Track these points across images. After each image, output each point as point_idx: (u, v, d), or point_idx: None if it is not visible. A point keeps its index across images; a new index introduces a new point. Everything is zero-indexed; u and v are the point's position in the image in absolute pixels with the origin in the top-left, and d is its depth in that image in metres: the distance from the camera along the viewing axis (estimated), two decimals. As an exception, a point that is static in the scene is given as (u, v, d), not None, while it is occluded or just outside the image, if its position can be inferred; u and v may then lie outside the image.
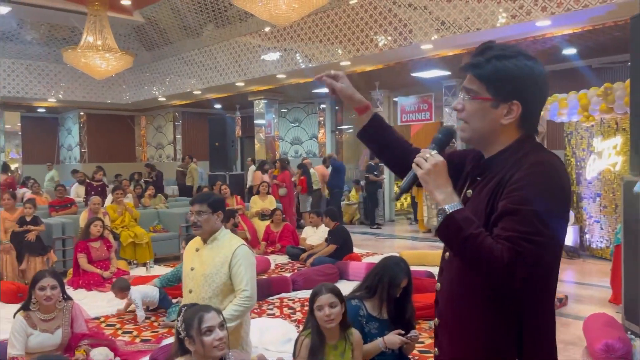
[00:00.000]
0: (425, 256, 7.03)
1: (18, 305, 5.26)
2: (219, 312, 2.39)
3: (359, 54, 8.91)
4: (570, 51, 8.81)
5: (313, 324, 2.62)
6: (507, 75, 1.35)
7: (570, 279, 6.43)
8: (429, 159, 1.36)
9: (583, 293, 5.67)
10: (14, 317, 3.34)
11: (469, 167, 1.52)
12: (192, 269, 3.15)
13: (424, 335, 4.13)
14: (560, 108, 7.43)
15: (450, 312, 1.46)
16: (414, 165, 1.38)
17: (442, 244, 1.45)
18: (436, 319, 1.54)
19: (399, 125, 12.90)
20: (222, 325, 2.35)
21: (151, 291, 4.94)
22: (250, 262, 3.11)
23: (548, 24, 7.08)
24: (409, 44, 8.24)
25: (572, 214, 7.61)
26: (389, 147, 1.71)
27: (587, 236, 7.57)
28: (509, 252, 1.22)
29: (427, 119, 11.81)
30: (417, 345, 3.20)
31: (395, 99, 12.57)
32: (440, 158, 1.36)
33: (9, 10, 10.91)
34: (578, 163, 7.66)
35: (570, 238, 7.58)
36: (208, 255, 3.12)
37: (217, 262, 3.07)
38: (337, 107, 14.60)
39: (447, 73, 10.38)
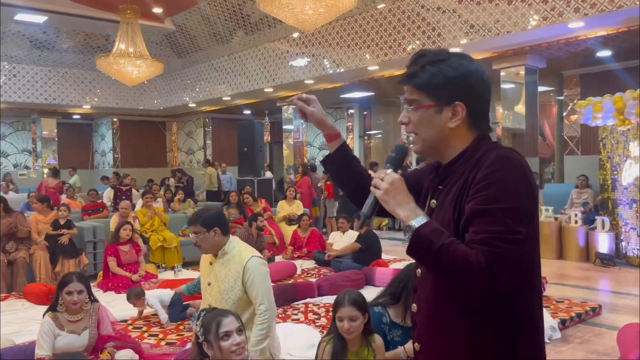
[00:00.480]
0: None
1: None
2: (237, 316, 2.38)
3: (386, 59, 8.87)
4: (604, 53, 8.57)
5: (335, 330, 2.60)
6: (444, 78, 1.33)
7: (604, 287, 6.22)
8: (385, 178, 1.33)
9: (618, 302, 5.48)
10: (43, 318, 3.41)
11: (427, 180, 1.48)
12: (209, 284, 3.12)
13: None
14: (595, 112, 7.23)
15: (431, 336, 1.37)
16: (372, 187, 1.35)
17: None
18: (416, 344, 1.43)
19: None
20: (240, 330, 2.34)
21: (166, 294, 4.98)
22: (262, 273, 3.04)
23: (581, 25, 6.91)
24: (437, 48, 8.14)
25: (606, 220, 7.39)
26: (353, 178, 1.65)
27: (623, 244, 7.33)
28: (486, 255, 1.16)
29: (456, 123, 11.66)
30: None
31: (424, 104, 12.43)
32: (396, 175, 1.34)
33: (45, 20, 11.25)
34: (613, 168, 7.43)
35: (605, 245, 7.34)
36: (221, 271, 3.06)
37: (230, 278, 3.02)
38: (365, 113, 14.55)
39: (477, 77, 10.22)
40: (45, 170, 15.47)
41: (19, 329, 4.71)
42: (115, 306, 5.12)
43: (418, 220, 1.26)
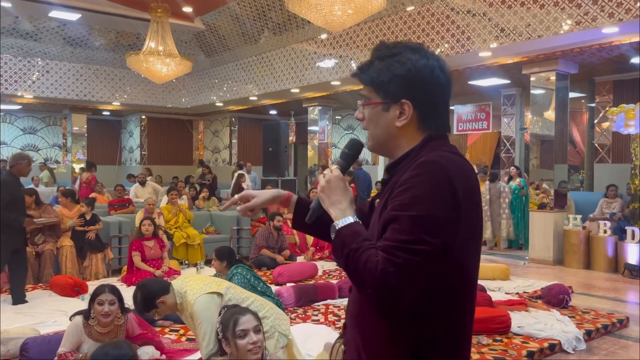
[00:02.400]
0: (477, 269, 6.81)
1: (73, 299, 5.49)
2: (255, 315, 2.38)
3: (414, 61, 8.80)
4: (638, 60, 8.36)
5: None
6: (391, 74, 1.26)
7: (633, 299, 6.06)
8: (325, 176, 1.28)
9: (647, 316, 5.33)
10: (70, 318, 3.43)
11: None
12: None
13: (472, 350, 3.99)
14: (627, 119, 7.06)
15: (352, 336, 1.32)
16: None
17: (495, 257, 1.39)
18: (342, 345, 1.39)
19: (455, 134, 12.65)
20: (257, 330, 2.34)
21: None
22: (204, 312, 2.94)
23: (615, 31, 6.75)
24: (467, 52, 8.06)
25: (637, 231, 7.20)
26: (326, 223, 1.35)
27: (654, 255, 7.13)
28: (383, 264, 1.10)
29: (484, 128, 11.52)
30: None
31: (451, 108, 12.33)
32: (335, 173, 1.28)
33: (78, 17, 11.48)
34: (645, 178, 7.24)
35: (635, 256, 7.16)
36: (190, 324, 3.09)
37: (194, 327, 3.02)
38: (391, 115, 14.47)
39: (507, 81, 10.08)
40: (75, 165, 15.81)
41: (44, 320, 4.80)
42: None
43: (342, 221, 1.22)
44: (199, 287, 3.07)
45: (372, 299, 1.13)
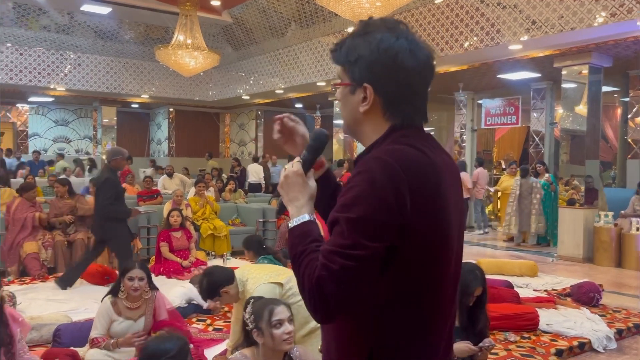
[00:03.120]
0: (504, 265, 6.74)
1: (104, 288, 5.61)
2: (288, 306, 2.41)
3: (442, 54, 8.70)
4: (677, 53, 8.10)
5: None
6: (357, 54, 1.16)
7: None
8: (285, 170, 1.22)
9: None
10: (102, 300, 3.53)
11: None
12: None
13: (499, 347, 3.95)
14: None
15: (323, 337, 1.27)
16: None
17: (522, 253, 1.34)
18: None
19: (482, 129, 12.49)
20: (290, 320, 2.37)
21: None
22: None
23: (652, 23, 6.56)
24: (496, 44, 7.93)
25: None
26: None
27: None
28: (320, 270, 1.03)
29: (513, 122, 11.34)
30: (490, 356, 3.06)
31: (479, 101, 12.16)
32: (295, 168, 1.21)
33: (109, 11, 11.66)
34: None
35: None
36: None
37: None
38: (418, 109, 14.34)
39: (537, 75, 9.89)
40: (104, 157, 16.10)
41: (75, 307, 4.92)
42: (166, 290, 5.26)
43: (295, 220, 1.16)
44: (260, 276, 3.15)
45: (309, 305, 1.06)
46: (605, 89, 8.99)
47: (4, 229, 6.37)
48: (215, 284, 3.06)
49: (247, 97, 15.06)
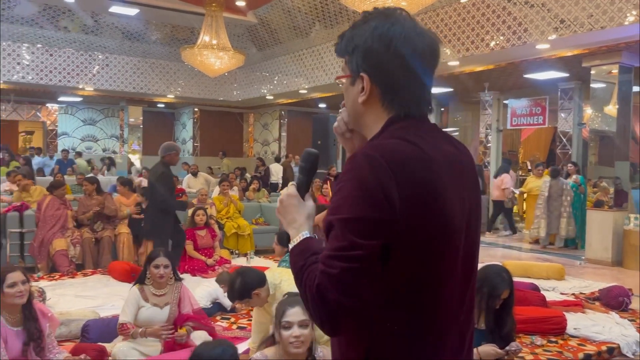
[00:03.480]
0: (530, 267, 6.64)
1: (130, 285, 5.71)
2: (304, 309, 2.39)
3: (468, 54, 8.61)
4: None
5: None
6: (354, 44, 1.14)
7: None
8: (281, 195, 1.21)
9: None
10: (130, 289, 3.65)
11: None
12: None
13: (525, 351, 3.89)
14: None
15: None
16: None
17: (549, 256, 1.28)
18: None
19: (508, 129, 12.32)
20: (304, 324, 2.34)
21: None
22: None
23: (686, 21, 6.39)
24: (523, 44, 7.81)
25: None
26: None
27: None
28: (319, 279, 1.00)
29: (539, 123, 11.16)
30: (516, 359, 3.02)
31: (505, 102, 11.99)
32: (288, 191, 1.19)
33: (137, 12, 11.83)
34: None
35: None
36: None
37: None
38: (442, 109, 14.23)
39: (565, 75, 9.71)
40: (130, 156, 16.36)
41: (102, 303, 5.01)
42: (190, 289, 5.32)
43: (294, 240, 1.13)
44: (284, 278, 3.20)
45: (314, 317, 1.03)
46: (635, 88, 8.79)
47: (35, 226, 6.51)
48: (248, 285, 3.06)
49: (271, 97, 15.13)
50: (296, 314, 2.35)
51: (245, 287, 3.06)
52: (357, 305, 1.01)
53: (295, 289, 3.04)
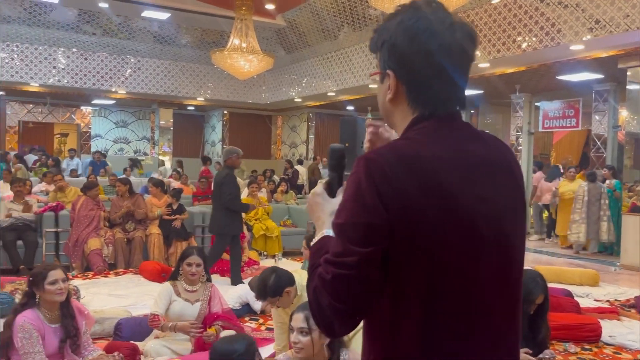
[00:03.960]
0: (563, 273, 6.50)
1: (160, 284, 5.81)
2: (307, 317, 2.38)
3: (499, 55, 8.50)
4: None
5: None
6: (382, 39, 1.10)
7: None
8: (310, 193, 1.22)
9: None
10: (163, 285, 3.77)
11: None
12: None
13: (558, 358, 3.81)
14: None
15: None
16: None
17: (582, 261, 1.23)
18: None
19: (540, 132, 12.10)
20: (302, 332, 2.38)
21: None
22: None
23: None
24: (557, 45, 7.67)
25: None
26: None
27: None
28: (316, 282, 1.02)
29: (572, 126, 10.92)
30: (549, 367, 2.95)
31: (537, 104, 11.78)
32: (314, 190, 1.20)
33: (168, 16, 12.04)
34: None
35: None
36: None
37: None
38: (472, 111, 14.07)
39: (599, 76, 9.49)
40: (160, 157, 16.63)
41: (134, 302, 5.10)
42: (219, 289, 5.38)
43: (315, 238, 1.13)
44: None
45: (314, 320, 1.04)
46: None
47: (70, 226, 6.68)
48: (281, 282, 3.10)
49: (299, 100, 15.19)
50: (297, 320, 2.39)
51: (279, 284, 3.09)
52: (350, 311, 1.00)
53: None
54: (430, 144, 1.03)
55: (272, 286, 3.08)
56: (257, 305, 4.96)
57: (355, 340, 3.41)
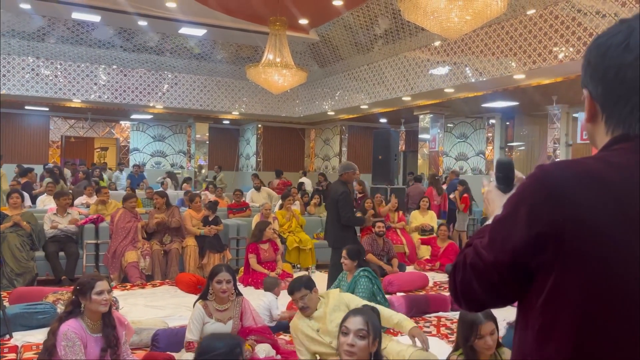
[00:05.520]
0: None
1: (196, 296, 5.88)
2: (367, 320, 2.49)
3: (535, 66, 8.38)
4: None
5: (466, 345, 2.53)
6: (586, 59, 1.03)
7: None
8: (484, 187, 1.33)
9: None
10: (194, 305, 3.72)
11: None
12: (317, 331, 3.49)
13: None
14: None
15: None
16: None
17: None
18: None
19: (578, 143, 11.84)
20: (360, 335, 2.48)
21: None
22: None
23: None
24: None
25: None
26: None
27: None
28: (460, 256, 1.10)
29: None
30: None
31: (575, 115, 11.54)
32: (486, 188, 1.30)
33: (204, 32, 12.32)
34: None
35: None
36: (323, 322, 3.46)
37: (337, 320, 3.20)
38: (507, 123, 13.87)
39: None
40: (195, 169, 16.93)
41: (171, 314, 5.18)
42: (253, 300, 5.42)
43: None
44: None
45: (450, 293, 1.14)
46: None
47: (109, 238, 6.85)
48: (313, 282, 3.54)
49: (332, 113, 15.27)
50: (356, 322, 2.40)
51: (312, 280, 3.52)
52: (475, 298, 1.08)
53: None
54: (620, 168, 0.93)
55: (306, 279, 3.49)
56: (276, 311, 5.00)
57: (389, 347, 3.42)
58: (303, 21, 11.77)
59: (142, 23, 11.70)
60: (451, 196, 10.02)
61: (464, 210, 9.80)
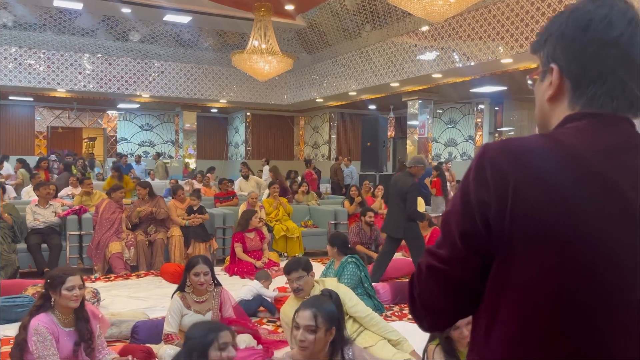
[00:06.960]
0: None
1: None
2: (315, 314, 2.39)
3: (522, 51, 8.31)
4: None
5: (442, 340, 2.52)
6: (548, 32, 0.99)
7: None
8: None
9: None
10: (172, 297, 3.67)
11: None
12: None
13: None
14: None
15: None
16: None
17: None
18: None
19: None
20: (310, 329, 2.42)
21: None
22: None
23: None
24: None
25: None
26: None
27: None
28: (416, 269, 1.07)
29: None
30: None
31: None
32: None
33: (189, 20, 12.15)
34: None
35: None
36: None
37: None
38: (496, 108, 13.83)
39: None
40: (186, 160, 16.81)
41: (153, 305, 5.12)
42: (239, 290, 5.37)
43: None
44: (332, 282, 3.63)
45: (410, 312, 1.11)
46: None
47: (92, 229, 6.76)
48: (311, 264, 3.52)
49: (321, 100, 15.17)
50: (304, 317, 2.38)
51: (309, 263, 3.49)
52: (438, 307, 1.05)
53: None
54: (567, 145, 0.88)
55: (305, 260, 3.46)
56: (270, 293, 5.00)
57: (361, 337, 3.38)
58: (289, 7, 11.61)
59: (126, 10, 11.50)
60: (425, 180, 10.08)
61: (437, 194, 9.92)
